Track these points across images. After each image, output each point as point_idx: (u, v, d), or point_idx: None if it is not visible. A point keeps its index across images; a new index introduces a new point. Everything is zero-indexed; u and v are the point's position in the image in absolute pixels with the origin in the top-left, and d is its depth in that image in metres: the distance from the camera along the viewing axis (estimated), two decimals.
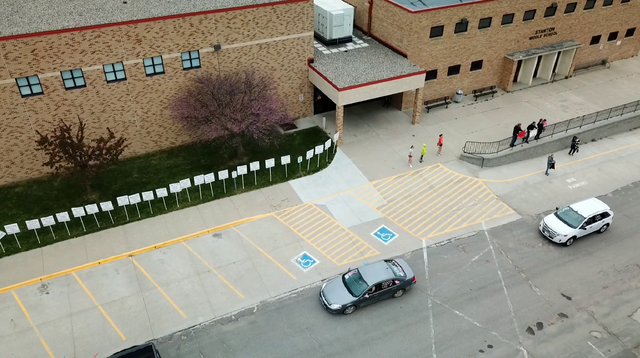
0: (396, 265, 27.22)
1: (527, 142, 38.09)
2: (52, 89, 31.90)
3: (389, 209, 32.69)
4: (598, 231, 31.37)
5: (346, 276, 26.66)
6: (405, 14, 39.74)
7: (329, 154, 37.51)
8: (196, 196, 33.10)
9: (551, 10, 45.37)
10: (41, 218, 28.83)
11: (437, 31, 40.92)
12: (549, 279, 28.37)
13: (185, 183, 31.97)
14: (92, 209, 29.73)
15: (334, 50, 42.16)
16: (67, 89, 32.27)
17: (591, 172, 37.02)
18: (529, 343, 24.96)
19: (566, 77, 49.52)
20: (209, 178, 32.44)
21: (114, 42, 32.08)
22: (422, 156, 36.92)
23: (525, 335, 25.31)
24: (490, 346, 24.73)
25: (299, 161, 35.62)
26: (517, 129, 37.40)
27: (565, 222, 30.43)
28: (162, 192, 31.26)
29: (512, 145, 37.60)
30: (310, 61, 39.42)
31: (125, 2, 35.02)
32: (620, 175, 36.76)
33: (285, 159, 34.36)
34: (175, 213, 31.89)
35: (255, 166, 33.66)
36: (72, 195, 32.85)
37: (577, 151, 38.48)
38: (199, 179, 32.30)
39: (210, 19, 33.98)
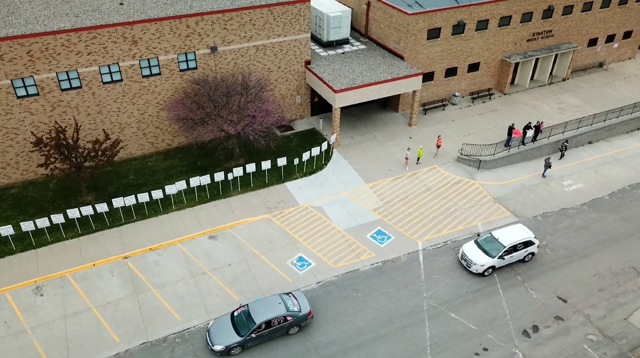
0: (293, 299, 25.18)
1: (523, 144, 38.06)
2: (47, 91, 31.82)
3: (385, 211, 32.63)
4: (522, 260, 29.32)
5: (235, 314, 24.51)
6: (402, 16, 39.74)
7: (326, 156, 37.45)
8: (192, 197, 33.02)
9: (548, 13, 45.40)
10: (36, 220, 28.74)
11: (434, 33, 40.91)
12: (544, 281, 28.31)
13: (181, 185, 31.90)
14: (87, 210, 29.62)
15: (331, 52, 42.13)
16: (62, 90, 32.20)
17: (588, 174, 36.99)
18: (525, 346, 24.88)
19: (563, 80, 49.52)
20: (205, 179, 32.38)
21: (110, 44, 32.02)
22: (418, 158, 36.86)
23: (521, 338, 25.24)
24: (485, 349, 24.65)
25: (295, 163, 35.56)
26: (511, 129, 37.46)
27: (483, 250, 28.36)
28: (157, 194, 31.18)
29: (506, 145, 37.61)
30: (307, 62, 39.38)
31: (121, 4, 34.97)
32: (617, 177, 36.74)
33: (282, 161, 34.29)
34: (171, 214, 31.80)
35: (251, 167, 33.59)
36: (68, 197, 32.75)
37: (564, 156, 38.25)
38: (194, 181, 32.23)
39: (207, 21, 33.94)
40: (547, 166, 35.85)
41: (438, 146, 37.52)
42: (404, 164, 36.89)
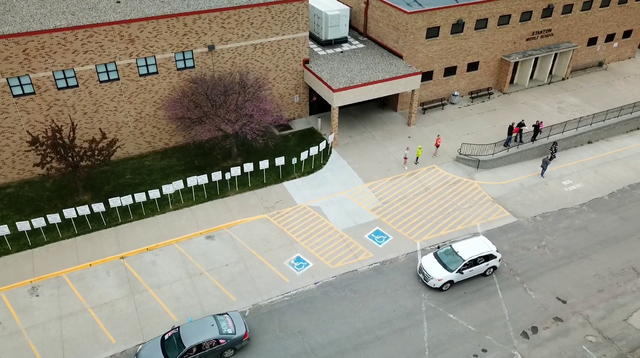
0: (228, 320, 23.89)
1: (521, 141, 37.83)
2: (44, 89, 31.59)
3: (384, 211, 32.44)
4: (483, 274, 28.24)
5: (166, 337, 23.32)
6: (401, 15, 39.54)
7: (324, 155, 37.25)
8: (189, 197, 32.82)
9: (548, 12, 45.21)
10: (32, 220, 28.51)
11: (433, 32, 40.71)
12: (544, 282, 28.14)
13: (178, 184, 31.69)
14: (83, 210, 29.43)
15: (330, 51, 41.92)
16: (59, 89, 31.97)
17: (587, 174, 36.82)
18: (524, 347, 24.72)
19: (563, 79, 49.34)
20: (202, 179, 32.18)
21: (107, 42, 31.79)
22: (417, 157, 36.67)
23: (519, 339, 25.07)
24: (484, 350, 24.49)
25: (293, 163, 35.36)
26: (511, 128, 37.34)
27: (442, 264, 27.29)
28: (154, 193, 30.96)
29: (506, 145, 37.47)
30: (306, 61, 39.18)
31: (118, 2, 34.72)
32: (616, 177, 36.57)
33: (280, 161, 34.08)
34: (168, 214, 31.59)
35: (249, 167, 33.40)
36: (64, 196, 32.53)
37: (554, 158, 37.49)
38: (192, 181, 32.03)
39: (204, 19, 33.71)
40: (546, 164, 35.70)
41: (437, 146, 37.33)
42: (402, 163, 36.70)
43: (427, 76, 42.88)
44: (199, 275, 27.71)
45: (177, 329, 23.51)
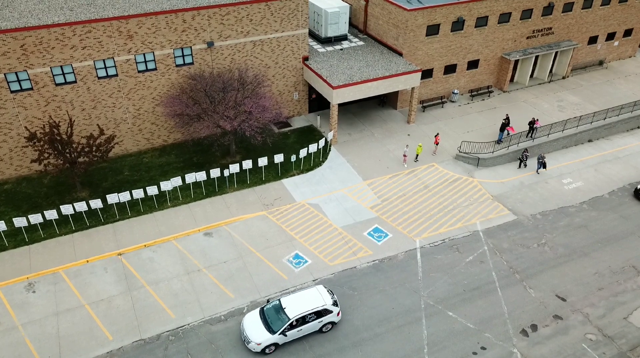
0: None
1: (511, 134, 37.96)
2: (41, 85, 31.44)
3: (383, 209, 32.29)
4: (320, 331, 24.23)
5: None
6: (401, 12, 39.38)
7: (323, 153, 37.10)
8: (187, 194, 32.66)
9: (548, 10, 45.06)
10: (29, 216, 28.33)
11: (433, 30, 40.55)
12: (543, 280, 27.99)
13: (176, 181, 31.54)
14: (81, 207, 29.26)
15: (329, 48, 41.77)
16: (57, 85, 31.82)
17: (588, 172, 36.67)
18: (523, 345, 24.56)
19: (563, 78, 49.19)
20: (201, 176, 32.04)
21: (105, 38, 31.64)
22: (417, 155, 36.52)
23: (519, 337, 24.92)
24: (483, 348, 24.33)
25: (292, 160, 35.20)
26: (503, 125, 37.35)
27: (266, 323, 23.27)
28: (152, 190, 30.83)
29: (498, 142, 37.62)
30: (305, 58, 39.02)
31: None
32: (617, 176, 36.43)
33: (279, 158, 33.93)
34: (166, 211, 31.44)
35: (247, 164, 33.25)
36: (62, 193, 32.38)
37: (525, 166, 36.78)
38: (190, 177, 31.87)
39: (203, 15, 33.56)
40: (542, 163, 35.55)
41: (436, 144, 37.17)
42: (402, 161, 36.55)
43: (427, 74, 42.74)
44: (197, 271, 27.56)
45: None
